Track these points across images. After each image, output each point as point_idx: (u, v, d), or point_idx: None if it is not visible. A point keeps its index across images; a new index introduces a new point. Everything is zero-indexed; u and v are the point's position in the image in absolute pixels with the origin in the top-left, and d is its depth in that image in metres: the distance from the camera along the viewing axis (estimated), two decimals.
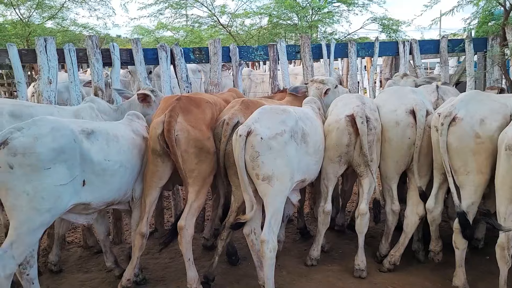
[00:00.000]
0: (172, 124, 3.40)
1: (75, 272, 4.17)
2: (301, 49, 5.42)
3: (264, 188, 3.27)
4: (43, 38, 4.61)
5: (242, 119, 3.63)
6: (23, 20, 10.60)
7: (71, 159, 2.99)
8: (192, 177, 3.53)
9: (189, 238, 3.55)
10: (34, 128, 2.89)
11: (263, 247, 3.28)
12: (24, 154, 2.78)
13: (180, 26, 14.08)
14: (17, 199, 2.79)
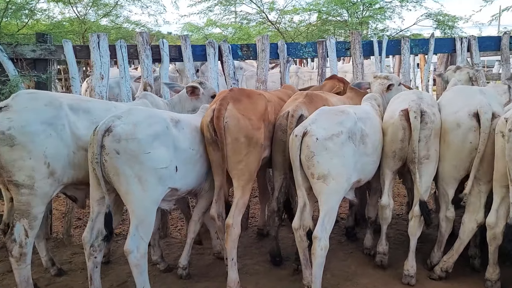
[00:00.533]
0: (221, 111, 3.40)
1: (122, 264, 4.24)
2: (351, 46, 5.28)
3: (319, 186, 3.29)
4: (96, 34, 4.74)
5: (305, 112, 3.68)
6: (79, 18, 11.02)
7: (166, 145, 3.18)
8: (237, 169, 3.48)
9: (236, 236, 3.51)
10: (132, 116, 3.11)
11: (314, 244, 3.27)
12: (127, 140, 2.99)
13: (229, 23, 14.20)
14: (128, 183, 3.02)
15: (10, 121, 3.05)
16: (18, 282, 3.25)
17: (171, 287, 3.79)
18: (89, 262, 3.25)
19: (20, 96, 3.24)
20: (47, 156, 3.15)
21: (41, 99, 3.24)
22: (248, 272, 4.01)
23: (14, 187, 3.13)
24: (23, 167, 3.09)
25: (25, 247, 3.20)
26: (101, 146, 2.99)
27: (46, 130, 3.15)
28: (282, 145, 3.72)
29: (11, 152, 3.05)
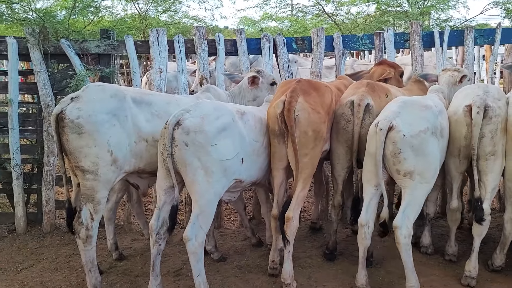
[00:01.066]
0: (292, 104, 3.39)
1: (177, 252, 4.39)
2: (410, 37, 5.09)
3: (405, 182, 3.26)
4: (155, 30, 4.90)
5: (371, 101, 3.65)
6: (140, 14, 11.43)
7: (232, 137, 3.30)
8: (302, 162, 3.45)
9: (295, 230, 3.51)
10: (200, 110, 3.25)
11: (396, 233, 3.25)
12: (196, 132, 3.12)
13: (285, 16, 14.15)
14: (194, 174, 3.15)
15: (79, 111, 3.26)
16: (84, 263, 3.46)
17: (225, 276, 3.87)
18: (153, 249, 3.39)
19: (89, 88, 3.45)
20: (110, 145, 3.33)
21: (107, 91, 3.43)
22: (301, 265, 4.01)
23: (80, 172, 3.34)
24: (89, 154, 3.28)
25: (91, 230, 3.39)
26: (171, 138, 3.13)
27: (110, 120, 3.33)
28: (345, 134, 3.70)
29: (79, 139, 3.25)
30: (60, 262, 4.23)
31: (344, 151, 3.77)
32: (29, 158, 4.96)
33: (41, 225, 4.91)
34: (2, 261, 4.26)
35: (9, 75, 4.78)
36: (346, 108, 3.70)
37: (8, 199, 5.09)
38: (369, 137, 3.37)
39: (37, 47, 4.69)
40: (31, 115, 4.98)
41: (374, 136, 3.28)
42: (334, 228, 4.09)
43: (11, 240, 4.71)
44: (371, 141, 3.31)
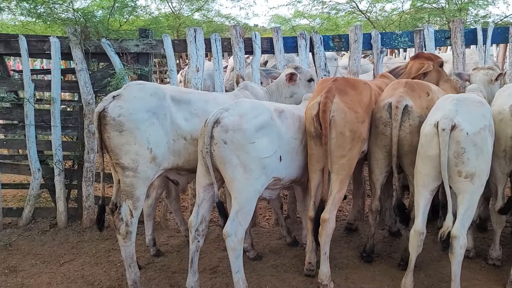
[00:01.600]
0: (328, 105, 3.35)
1: (213, 249, 4.43)
2: (451, 34, 4.95)
3: (464, 185, 3.15)
4: (193, 28, 4.93)
5: (410, 102, 3.51)
6: (174, 13, 11.57)
7: (270, 135, 3.32)
8: (339, 164, 3.43)
9: (331, 231, 3.50)
10: (239, 108, 3.29)
11: (453, 243, 3.15)
12: (234, 130, 3.16)
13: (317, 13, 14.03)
14: (234, 171, 3.19)
15: (121, 109, 3.33)
16: (124, 258, 3.53)
17: (261, 275, 3.87)
18: (192, 245, 3.44)
19: (130, 86, 3.52)
20: (150, 142, 3.38)
21: (147, 90, 3.48)
22: (337, 265, 3.97)
23: (120, 169, 3.40)
24: (129, 151, 3.34)
25: (131, 226, 3.46)
26: (210, 136, 3.17)
27: (150, 118, 3.38)
28: (384, 139, 3.60)
29: (120, 137, 3.32)
30: (99, 256, 4.33)
31: (383, 156, 3.68)
32: (70, 154, 5.10)
33: (81, 220, 5.05)
34: (45, 254, 4.39)
35: (52, 74, 4.92)
36: (384, 111, 3.59)
37: (50, 194, 5.24)
38: (426, 139, 3.22)
39: (79, 46, 4.81)
40: (72, 113, 5.12)
41: (434, 137, 3.14)
42: (371, 232, 4.01)
43: (52, 234, 4.86)
44: (431, 143, 3.17)
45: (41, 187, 5.08)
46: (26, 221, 5.02)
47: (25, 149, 5.04)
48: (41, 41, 4.94)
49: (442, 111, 3.23)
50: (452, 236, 3.15)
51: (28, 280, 3.88)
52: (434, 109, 3.39)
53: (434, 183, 3.24)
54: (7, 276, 3.96)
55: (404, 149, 3.53)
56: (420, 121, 3.45)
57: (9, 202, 5.73)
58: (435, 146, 3.12)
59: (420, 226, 3.32)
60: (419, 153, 3.29)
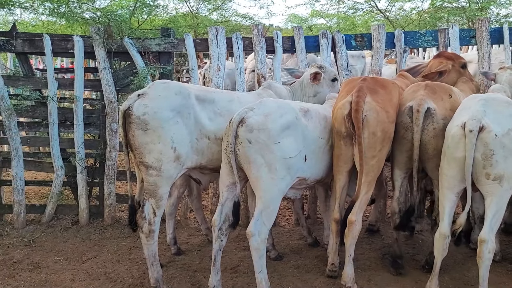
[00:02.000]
0: (360, 104, 3.29)
1: (233, 249, 4.42)
2: (477, 33, 4.87)
3: (493, 188, 3.06)
4: (215, 28, 4.93)
5: (432, 105, 3.41)
6: (192, 12, 11.60)
7: (295, 134, 3.31)
8: (369, 164, 3.37)
9: (357, 233, 3.47)
10: (264, 108, 3.27)
11: (481, 247, 3.09)
12: (259, 130, 3.16)
13: (334, 13, 13.96)
14: (258, 170, 3.18)
15: (145, 107, 3.33)
16: (147, 256, 3.54)
17: (282, 275, 3.85)
18: (215, 244, 3.43)
19: (155, 85, 3.52)
20: (174, 141, 3.38)
21: (172, 89, 3.48)
22: (360, 267, 3.92)
23: (144, 168, 3.41)
24: (153, 150, 3.34)
25: (154, 225, 3.46)
26: (235, 136, 3.16)
27: (174, 117, 3.38)
28: (405, 144, 3.51)
29: (144, 135, 3.33)
30: (121, 254, 4.36)
31: (403, 160, 3.61)
32: (92, 152, 5.14)
33: (102, 217, 5.09)
34: (68, 251, 4.44)
35: (75, 72, 4.97)
36: (404, 115, 3.50)
37: (72, 192, 5.30)
38: (452, 140, 3.15)
39: (102, 46, 4.84)
40: (95, 111, 5.16)
41: (461, 139, 3.08)
42: (394, 237, 3.88)
43: (75, 231, 4.91)
44: (458, 145, 3.10)
45: (64, 184, 5.14)
46: (48, 218, 5.09)
47: (47, 147, 5.11)
48: (64, 40, 5.00)
49: (469, 111, 3.16)
50: (481, 240, 3.08)
51: (52, 277, 3.92)
52: (460, 109, 3.32)
53: (460, 185, 3.17)
54: (31, 272, 4.01)
55: (428, 153, 3.45)
56: (444, 124, 3.37)
57: (32, 199, 5.81)
58: (462, 148, 3.06)
59: (445, 229, 3.25)
60: (445, 155, 3.22)
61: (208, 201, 5.31)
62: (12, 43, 4.95)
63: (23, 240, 4.68)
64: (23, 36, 5.06)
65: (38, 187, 6.03)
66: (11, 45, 4.96)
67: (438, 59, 4.39)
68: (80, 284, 3.80)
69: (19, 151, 4.97)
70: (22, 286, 3.76)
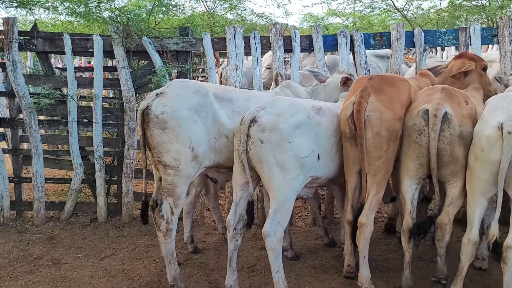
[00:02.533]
0: (362, 104, 3.24)
1: (250, 248, 4.42)
2: (499, 32, 4.77)
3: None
4: (232, 27, 4.93)
5: (449, 109, 3.20)
6: (208, 12, 11.63)
7: (307, 133, 3.28)
8: (375, 165, 3.31)
9: (368, 235, 3.40)
10: (275, 107, 3.26)
11: (507, 253, 2.97)
12: (271, 130, 3.14)
13: (351, 12, 13.87)
14: (271, 170, 3.17)
15: (164, 106, 3.34)
16: (164, 255, 3.55)
17: (299, 275, 3.84)
18: (230, 244, 3.43)
19: (173, 84, 3.54)
20: (192, 141, 3.38)
21: (190, 88, 3.49)
22: (378, 268, 3.89)
23: (162, 167, 3.42)
24: (171, 149, 3.35)
25: (171, 224, 3.47)
26: (247, 135, 3.15)
27: (192, 116, 3.38)
28: (417, 150, 3.29)
29: (162, 134, 3.33)
30: (139, 251, 4.39)
31: (415, 168, 3.35)
32: (110, 151, 5.19)
33: (120, 215, 5.14)
34: (87, 248, 4.49)
35: (94, 71, 5.02)
36: (419, 119, 3.28)
37: (90, 189, 5.36)
38: (488, 143, 2.99)
39: (121, 45, 4.88)
40: (113, 110, 5.21)
41: (497, 140, 2.93)
42: (406, 260, 3.48)
43: (93, 228, 4.97)
44: (494, 147, 2.95)
45: (82, 182, 5.20)
46: (67, 215, 5.16)
47: (67, 144, 5.17)
48: (84, 39, 5.05)
49: (503, 112, 3.02)
50: (507, 247, 2.97)
51: (71, 273, 3.97)
52: (491, 109, 3.19)
53: (493, 190, 3.04)
54: (51, 268, 4.07)
55: (443, 160, 3.24)
56: (460, 131, 3.21)
57: (51, 196, 5.89)
58: (498, 150, 2.92)
59: (475, 235, 3.16)
60: (479, 159, 3.07)
61: (225, 200, 5.31)
62: (33, 42, 5.02)
63: (43, 236, 4.75)
64: (44, 35, 5.13)
65: (58, 185, 6.12)
66: (32, 44, 5.03)
67: (460, 59, 4.26)
68: (99, 281, 3.84)
69: (39, 149, 5.05)
70: (42, 282, 3.82)
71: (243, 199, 3.41)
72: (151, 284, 3.77)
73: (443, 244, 3.39)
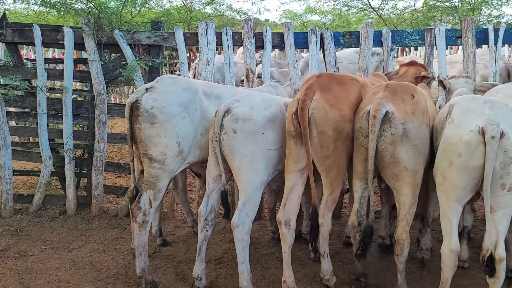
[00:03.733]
0: (306, 102, 3.15)
1: (218, 241, 4.49)
2: (463, 34, 4.94)
3: (507, 199, 2.82)
4: (204, 22, 4.97)
5: (391, 107, 3.08)
6: (186, 6, 11.61)
7: (279, 127, 3.38)
8: (325, 165, 3.24)
9: (327, 234, 3.42)
10: (249, 100, 3.38)
11: (499, 268, 2.85)
12: (244, 120, 3.24)
13: (329, 9, 14.02)
14: (241, 161, 3.25)
15: (154, 101, 3.42)
16: (136, 246, 3.58)
17: (265, 266, 3.94)
18: (200, 234, 3.51)
19: (163, 80, 3.61)
20: (179, 136, 3.47)
21: (180, 84, 3.59)
22: (341, 260, 4.01)
23: (147, 160, 3.47)
24: (158, 143, 3.43)
25: (148, 216, 3.51)
26: (220, 126, 3.25)
27: (181, 112, 3.48)
28: (364, 152, 3.17)
29: (151, 128, 3.41)
30: (107, 244, 4.41)
31: (363, 170, 3.24)
32: (81, 143, 5.17)
33: (89, 208, 5.13)
34: (55, 240, 4.48)
35: (65, 63, 4.99)
36: (363, 121, 3.16)
37: (59, 182, 5.33)
38: (468, 148, 2.82)
39: (92, 37, 4.86)
40: (84, 103, 5.18)
41: (478, 146, 2.78)
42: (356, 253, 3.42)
43: (62, 221, 4.95)
44: (474, 152, 2.80)
45: (52, 174, 5.17)
46: (36, 208, 5.12)
47: (36, 137, 5.13)
48: (54, 31, 5.01)
49: (480, 115, 2.87)
50: (498, 259, 2.83)
51: (38, 265, 3.96)
52: (461, 112, 3.01)
53: (469, 196, 2.93)
54: (17, 260, 4.05)
55: (384, 161, 3.13)
56: (404, 129, 3.07)
57: (20, 188, 5.83)
58: (479, 156, 2.77)
59: (455, 245, 2.98)
60: (454, 165, 2.89)
61: (196, 193, 5.36)
62: (1, 32, 4.95)
63: (10, 229, 4.71)
64: (13, 26, 5.07)
65: (26, 177, 6.06)
66: (1, 35, 4.96)
67: (414, 66, 4.35)
68: (66, 272, 3.85)
69: (7, 141, 5.00)
70: (8, 273, 3.81)
71: (215, 191, 3.49)
72: (118, 275, 3.80)
73: (402, 259, 3.26)
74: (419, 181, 3.22)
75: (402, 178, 3.15)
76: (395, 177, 3.16)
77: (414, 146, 3.12)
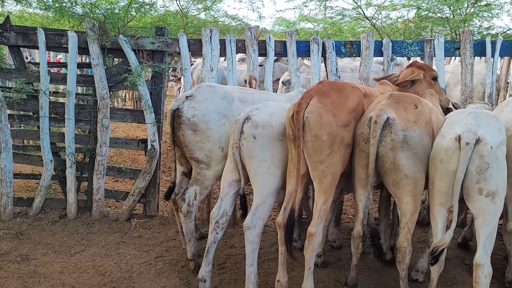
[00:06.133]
0: (301, 106, 3.19)
1: (221, 247, 4.50)
2: (461, 45, 5.07)
3: (485, 205, 2.91)
4: (209, 29, 5.02)
5: (392, 114, 3.16)
6: (182, 11, 11.63)
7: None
8: (318, 170, 3.21)
9: (317, 246, 3.32)
10: (268, 108, 3.54)
11: (477, 271, 2.92)
12: (264, 126, 3.39)
13: (322, 18, 14.17)
14: (259, 165, 3.38)
15: (194, 110, 3.68)
16: (185, 233, 3.91)
17: (267, 272, 3.96)
18: (210, 236, 3.58)
19: (202, 88, 3.83)
20: (221, 142, 3.72)
21: (218, 93, 3.82)
22: (343, 266, 4.07)
23: (194, 162, 3.78)
24: (203, 148, 3.72)
25: (192, 207, 3.83)
26: (240, 132, 3.37)
27: (221, 119, 3.72)
28: (366, 158, 3.24)
29: (194, 135, 3.69)
30: (109, 248, 4.41)
31: (365, 176, 3.29)
32: (82, 147, 5.17)
33: (90, 212, 5.12)
34: (56, 244, 4.47)
35: (68, 67, 4.99)
36: (365, 127, 3.25)
37: (60, 186, 5.31)
38: (447, 154, 2.98)
39: (96, 42, 4.88)
40: (86, 107, 5.18)
41: (455, 152, 2.92)
42: (353, 263, 3.56)
43: (62, 225, 4.93)
44: (452, 158, 2.94)
45: (52, 178, 5.15)
46: (36, 211, 5.09)
47: (37, 140, 5.12)
48: (58, 35, 5.02)
49: (461, 124, 3.04)
50: (476, 265, 2.92)
51: (41, 269, 3.95)
52: (449, 123, 3.23)
53: (452, 201, 3.02)
54: (19, 264, 4.04)
55: (385, 167, 3.21)
56: (404, 135, 3.15)
57: (20, 192, 5.80)
58: (456, 161, 2.91)
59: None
60: (438, 170, 3.06)
61: None
62: (5, 35, 4.95)
63: (10, 232, 4.69)
64: (17, 29, 5.06)
65: (26, 180, 6.02)
66: (4, 38, 4.96)
67: (410, 68, 4.39)
68: (69, 276, 3.85)
69: (8, 144, 4.97)
70: (11, 277, 3.80)
71: (229, 196, 3.59)
72: (122, 280, 3.81)
73: (404, 266, 3.32)
74: (420, 190, 3.29)
75: (402, 186, 3.22)
76: (396, 184, 3.24)
77: (415, 154, 3.19)
